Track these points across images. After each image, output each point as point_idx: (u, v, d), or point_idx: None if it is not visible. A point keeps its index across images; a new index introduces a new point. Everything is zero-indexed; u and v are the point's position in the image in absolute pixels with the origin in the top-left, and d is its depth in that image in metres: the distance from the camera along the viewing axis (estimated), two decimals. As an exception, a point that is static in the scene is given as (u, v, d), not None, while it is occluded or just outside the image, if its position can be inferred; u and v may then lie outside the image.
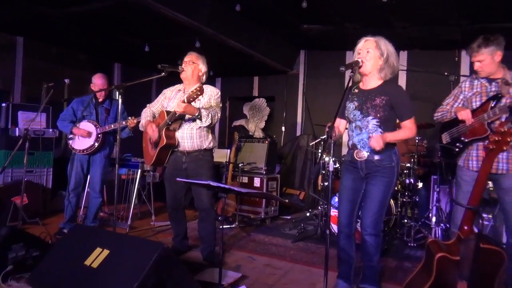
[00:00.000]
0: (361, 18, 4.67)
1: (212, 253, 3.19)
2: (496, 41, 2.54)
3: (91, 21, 4.69)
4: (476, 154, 2.63)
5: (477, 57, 2.57)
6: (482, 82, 2.67)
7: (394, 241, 4.01)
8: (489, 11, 3.99)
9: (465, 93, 2.75)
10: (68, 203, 3.95)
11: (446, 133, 2.81)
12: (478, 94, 2.66)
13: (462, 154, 2.72)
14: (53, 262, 2.33)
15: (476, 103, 2.66)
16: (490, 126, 2.52)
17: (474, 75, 2.75)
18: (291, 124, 6.73)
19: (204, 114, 2.95)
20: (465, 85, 2.78)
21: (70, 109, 4.04)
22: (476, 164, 2.61)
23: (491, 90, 2.61)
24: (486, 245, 1.75)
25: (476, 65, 2.61)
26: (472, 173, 2.62)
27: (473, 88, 2.71)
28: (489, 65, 2.56)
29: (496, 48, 2.53)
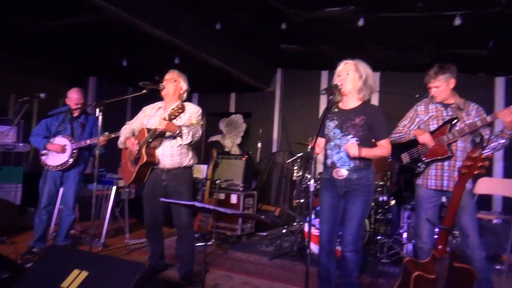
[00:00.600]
0: (337, 41, 4.84)
1: (190, 272, 3.17)
2: (450, 69, 2.77)
3: (70, 35, 4.63)
4: (435, 174, 2.79)
5: (434, 83, 2.79)
6: (438, 106, 2.87)
7: (368, 258, 4.09)
8: (455, 38, 4.24)
9: (421, 117, 2.94)
10: (39, 221, 3.81)
11: (406, 154, 2.96)
12: (434, 118, 2.86)
13: (420, 174, 2.87)
14: (27, 286, 2.25)
15: (433, 126, 2.85)
16: (450, 147, 2.73)
17: (428, 99, 2.95)
18: (267, 140, 6.80)
19: (185, 132, 2.96)
20: (420, 109, 2.96)
21: (44, 124, 3.94)
22: (435, 183, 2.77)
23: (447, 114, 2.81)
24: (459, 264, 1.84)
25: (432, 91, 2.82)
26: (431, 191, 2.80)
27: (429, 112, 2.90)
28: (444, 91, 2.78)
29: (450, 75, 2.76)
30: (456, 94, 2.86)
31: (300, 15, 4.11)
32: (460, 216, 2.64)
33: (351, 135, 2.56)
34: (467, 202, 2.66)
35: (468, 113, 2.76)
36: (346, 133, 2.58)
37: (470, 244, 2.64)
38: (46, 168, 3.87)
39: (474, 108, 2.78)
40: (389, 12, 3.83)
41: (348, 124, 2.59)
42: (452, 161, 2.73)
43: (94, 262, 2.27)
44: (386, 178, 4.23)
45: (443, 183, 2.74)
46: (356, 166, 2.55)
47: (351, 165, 2.56)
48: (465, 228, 2.65)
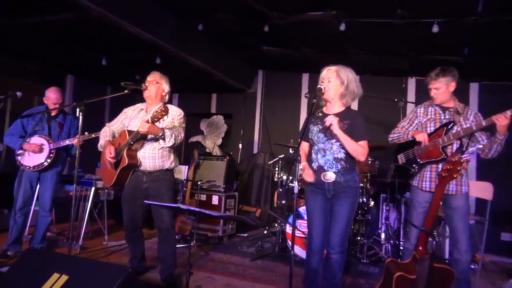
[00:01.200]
0: (318, 44, 4.91)
1: (171, 275, 3.14)
2: (452, 73, 2.81)
3: (47, 32, 4.51)
4: (429, 176, 2.84)
5: (434, 85, 2.82)
6: (436, 109, 2.91)
7: (349, 258, 4.15)
8: (433, 45, 4.37)
9: (420, 119, 2.99)
10: (14, 223, 3.71)
11: (402, 154, 3.02)
12: (432, 120, 2.91)
13: (416, 175, 2.93)
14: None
15: (430, 128, 2.90)
16: (445, 150, 2.76)
17: (428, 102, 2.99)
18: (248, 141, 6.81)
19: (167, 134, 2.93)
20: (420, 111, 3.02)
21: (19, 124, 3.83)
22: (429, 185, 2.83)
23: (445, 118, 2.86)
24: (438, 264, 1.90)
25: (432, 92, 2.86)
26: (425, 193, 2.84)
27: (428, 114, 2.96)
28: (444, 94, 2.82)
29: (451, 79, 2.80)
30: (456, 98, 2.90)
31: (282, 18, 4.14)
32: (453, 218, 2.71)
33: (334, 139, 2.60)
34: (461, 205, 2.72)
35: (466, 117, 2.79)
36: (329, 137, 2.62)
37: (458, 246, 2.70)
38: (21, 169, 3.76)
39: (473, 113, 2.81)
40: (370, 18, 3.91)
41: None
42: None
43: (74, 266, 2.22)
44: (366, 180, 4.31)
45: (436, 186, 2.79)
46: (342, 167, 2.58)
47: (338, 167, 2.59)
48: (455, 230, 2.71)
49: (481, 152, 2.78)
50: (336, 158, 2.60)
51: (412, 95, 5.62)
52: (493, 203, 3.66)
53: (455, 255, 2.75)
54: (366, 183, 4.32)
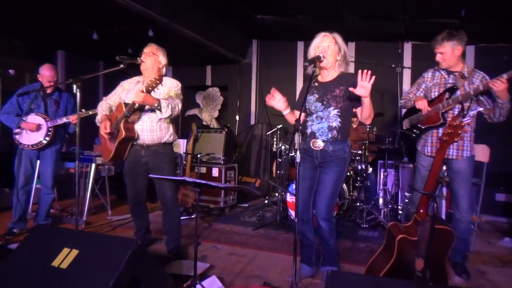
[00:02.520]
0: (313, 11, 4.81)
1: (177, 246, 3.20)
2: (458, 36, 2.75)
3: (33, 7, 4.36)
4: (431, 141, 2.88)
5: (439, 49, 2.79)
6: (443, 74, 2.90)
7: (348, 224, 4.27)
8: (429, 8, 4.30)
9: (427, 83, 2.99)
10: (17, 202, 3.73)
11: (407, 120, 3.05)
12: (437, 85, 2.90)
13: (420, 140, 2.96)
14: (16, 265, 2.22)
15: (434, 93, 2.90)
16: (444, 116, 2.78)
17: (436, 66, 2.96)
18: (245, 113, 6.80)
19: (164, 105, 2.90)
20: (427, 76, 3.01)
21: (15, 102, 3.77)
22: (430, 150, 2.87)
23: (448, 82, 2.85)
24: (439, 225, 1.96)
25: (437, 56, 2.83)
26: (428, 158, 2.89)
27: (434, 79, 2.95)
28: (449, 58, 2.78)
29: (457, 42, 2.74)
30: (465, 62, 2.85)
31: (277, -15, 4.05)
32: (454, 181, 2.77)
33: (332, 107, 2.60)
34: (463, 169, 2.78)
35: (472, 81, 2.74)
36: (327, 105, 2.61)
37: (459, 207, 2.78)
38: (20, 147, 3.74)
39: (479, 77, 2.75)
40: (366, -19, 3.83)
41: (329, 96, 2.61)
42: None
43: (83, 240, 2.26)
44: (364, 147, 4.35)
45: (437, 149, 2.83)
46: (333, 137, 2.60)
47: (328, 136, 2.60)
48: (457, 193, 2.78)
49: (487, 117, 2.77)
50: (330, 126, 2.60)
51: (408, 60, 5.59)
52: (488, 165, 3.73)
53: (456, 215, 2.83)
54: (365, 150, 4.36)
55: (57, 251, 2.17)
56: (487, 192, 4.18)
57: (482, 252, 3.54)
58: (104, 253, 2.11)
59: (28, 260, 2.22)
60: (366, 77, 2.33)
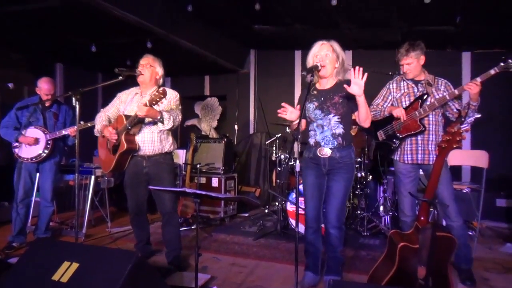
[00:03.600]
0: (310, 20, 4.85)
1: (178, 257, 3.19)
2: (419, 46, 2.87)
3: (31, 21, 4.39)
4: (410, 148, 2.91)
5: (406, 60, 2.88)
6: (409, 83, 2.97)
7: (349, 232, 4.25)
8: (425, 15, 4.34)
9: (393, 94, 3.05)
10: (17, 215, 3.72)
11: (381, 131, 3.08)
12: (406, 95, 2.97)
13: (396, 149, 2.99)
14: (16, 280, 2.21)
15: (405, 103, 2.96)
16: (422, 122, 2.84)
17: (399, 77, 3.05)
18: (244, 122, 6.81)
19: (166, 117, 2.92)
20: (392, 87, 3.07)
21: (13, 115, 3.78)
22: (410, 157, 2.90)
23: (418, 90, 2.92)
24: (440, 232, 1.96)
25: (404, 68, 2.92)
26: (406, 165, 2.92)
27: (401, 89, 3.01)
28: (416, 68, 2.89)
29: (420, 52, 2.86)
30: (425, 70, 2.96)
31: (274, -5, 4.09)
32: (438, 187, 2.77)
33: (332, 114, 2.62)
34: (443, 174, 2.78)
35: (438, 88, 2.88)
36: (327, 112, 2.63)
37: (449, 214, 2.80)
38: (20, 161, 3.74)
39: (443, 83, 2.90)
40: (362, -10, 3.87)
41: (328, 103, 2.63)
42: (425, 135, 2.86)
43: (83, 253, 2.25)
44: (363, 154, 4.36)
45: (418, 157, 2.87)
46: (339, 144, 2.62)
47: (334, 144, 2.62)
48: (443, 199, 2.79)
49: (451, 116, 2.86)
50: (334, 134, 2.62)
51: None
52: (488, 171, 3.74)
53: (447, 223, 2.85)
54: (364, 157, 4.36)
55: (57, 265, 2.15)
56: (487, 198, 4.18)
57: (484, 258, 3.53)
58: (105, 266, 2.09)
59: (29, 274, 2.20)
60: (359, 74, 2.38)
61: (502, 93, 4.81)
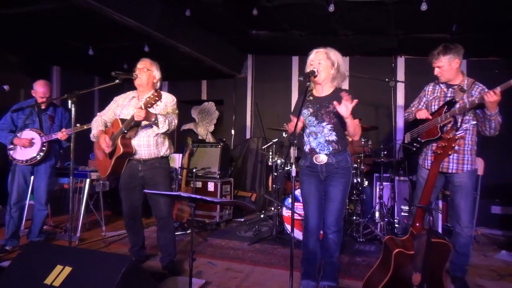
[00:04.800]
0: (308, 26, 4.87)
1: (172, 262, 3.16)
2: (455, 49, 2.78)
3: (27, 24, 4.39)
4: (430, 154, 2.86)
5: (437, 63, 2.81)
6: (442, 87, 2.92)
7: (345, 238, 4.23)
8: (421, 23, 4.37)
9: (428, 97, 3.01)
10: (10, 218, 3.69)
11: (408, 133, 3.05)
12: (437, 99, 2.92)
13: (421, 154, 2.96)
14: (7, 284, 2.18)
15: (434, 107, 2.92)
16: (442, 129, 2.76)
17: (437, 80, 2.98)
18: (240, 127, 6.81)
19: (161, 120, 2.91)
20: (428, 89, 3.04)
21: (9, 118, 3.78)
22: (430, 163, 2.85)
23: (447, 96, 2.86)
24: (436, 239, 1.96)
25: (436, 71, 2.85)
26: (427, 171, 2.86)
27: (434, 93, 2.97)
28: (447, 71, 2.81)
29: (453, 56, 2.77)
30: (464, 74, 2.87)
31: (271, 1, 4.10)
32: (455, 194, 2.76)
33: (325, 122, 2.62)
34: (466, 183, 2.76)
35: (471, 94, 2.75)
36: (320, 120, 2.64)
37: (460, 222, 2.76)
38: (14, 163, 3.72)
39: (478, 89, 2.75)
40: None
41: (323, 111, 2.64)
42: None
43: (76, 257, 2.23)
44: (359, 160, 4.36)
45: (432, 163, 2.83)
46: (334, 149, 2.62)
47: (329, 150, 2.62)
48: (458, 207, 2.76)
49: (481, 130, 2.78)
50: (327, 140, 2.63)
51: (401, 74, 5.65)
52: (483, 178, 3.75)
53: (456, 229, 2.81)
54: (360, 163, 4.37)
55: (50, 269, 2.14)
56: (482, 205, 4.20)
57: (479, 265, 3.53)
58: (98, 270, 2.08)
59: (20, 278, 2.18)
60: (349, 99, 2.37)
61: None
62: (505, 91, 2.51)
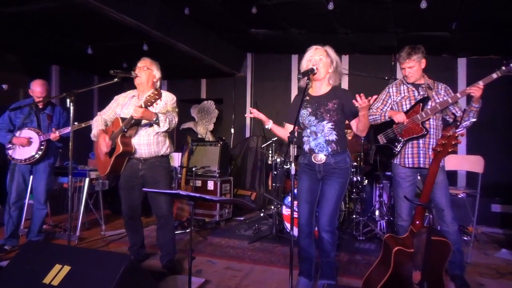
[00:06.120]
0: (307, 24, 4.86)
1: (172, 261, 3.16)
2: (421, 49, 2.86)
3: (26, 23, 4.37)
4: (411, 152, 2.89)
5: (408, 64, 2.86)
6: (409, 87, 2.97)
7: (344, 236, 4.24)
8: (420, 21, 4.36)
9: (393, 98, 3.03)
10: (9, 218, 3.68)
11: (382, 135, 3.06)
12: (407, 98, 2.95)
13: (398, 153, 2.97)
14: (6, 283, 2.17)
15: (406, 106, 2.95)
16: (424, 125, 2.83)
17: (399, 80, 3.06)
18: (240, 125, 6.80)
19: (161, 119, 2.90)
20: (392, 90, 3.06)
21: (7, 118, 3.77)
22: (411, 161, 2.88)
23: (419, 94, 2.91)
24: (435, 237, 1.95)
25: (407, 71, 2.90)
26: (407, 169, 2.91)
27: (401, 93, 3.00)
28: (417, 71, 2.88)
29: (421, 56, 2.86)
30: (425, 74, 2.97)
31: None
32: (435, 192, 2.76)
33: (326, 120, 2.61)
34: (441, 179, 2.78)
35: (438, 92, 2.87)
36: (321, 119, 2.62)
37: (444, 219, 2.79)
38: (13, 162, 3.71)
39: (443, 87, 2.90)
40: (358, -5, 3.88)
41: (322, 110, 2.63)
42: (426, 139, 2.85)
43: (75, 256, 2.23)
44: (359, 159, 4.35)
45: (419, 161, 2.85)
46: (333, 150, 2.61)
47: (328, 150, 2.61)
48: (439, 204, 2.78)
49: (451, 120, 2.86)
50: (327, 140, 2.61)
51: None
52: (483, 176, 3.74)
53: (442, 228, 2.83)
54: (360, 162, 4.36)
55: (48, 268, 2.13)
56: (482, 203, 4.19)
57: (479, 263, 3.52)
58: (97, 269, 2.07)
59: (19, 277, 2.17)
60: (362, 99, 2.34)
61: (498, 98, 4.81)
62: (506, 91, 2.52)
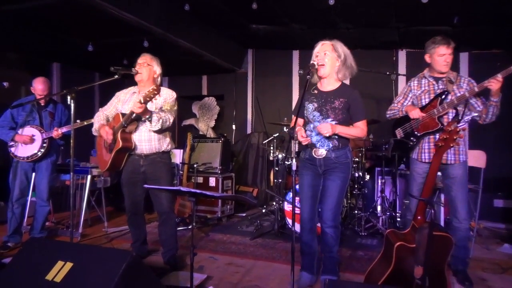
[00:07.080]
0: (308, 20, 4.84)
1: (174, 257, 3.17)
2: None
3: (27, 20, 4.37)
4: (428, 147, 2.86)
5: (448, 50, 2.75)
6: (430, 80, 2.92)
7: (346, 232, 4.24)
8: (422, 15, 4.33)
9: (414, 91, 3.00)
10: (12, 215, 3.69)
11: (400, 129, 3.03)
12: (426, 92, 2.91)
13: (415, 148, 2.95)
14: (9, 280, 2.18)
15: (425, 100, 2.90)
16: (441, 120, 2.78)
17: (421, 74, 2.99)
18: (241, 122, 6.79)
19: (154, 118, 2.88)
20: (413, 84, 3.02)
21: (9, 115, 3.77)
22: (428, 156, 2.85)
23: (438, 88, 2.86)
24: (438, 232, 1.95)
25: (446, 59, 2.77)
26: (424, 165, 2.87)
27: (421, 87, 2.96)
28: (451, 62, 2.81)
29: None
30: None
31: (271, -6, 4.07)
32: (451, 187, 2.75)
33: (330, 118, 2.60)
34: (460, 174, 2.76)
35: (460, 86, 2.80)
36: (325, 116, 2.61)
37: (458, 215, 2.77)
38: (15, 160, 3.72)
39: (466, 81, 2.81)
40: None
41: (328, 107, 2.61)
42: None
43: (77, 253, 2.23)
44: (361, 154, 4.35)
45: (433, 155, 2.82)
46: (334, 146, 2.61)
47: (329, 146, 2.61)
48: (455, 200, 2.76)
49: (479, 119, 2.78)
50: (329, 136, 2.61)
51: (403, 67, 5.62)
52: (485, 171, 3.73)
53: (454, 223, 2.81)
54: (362, 157, 4.35)
55: (51, 265, 2.13)
56: (485, 198, 4.17)
57: (482, 258, 3.52)
58: (99, 265, 2.07)
59: (22, 274, 2.18)
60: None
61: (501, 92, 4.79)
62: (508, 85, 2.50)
